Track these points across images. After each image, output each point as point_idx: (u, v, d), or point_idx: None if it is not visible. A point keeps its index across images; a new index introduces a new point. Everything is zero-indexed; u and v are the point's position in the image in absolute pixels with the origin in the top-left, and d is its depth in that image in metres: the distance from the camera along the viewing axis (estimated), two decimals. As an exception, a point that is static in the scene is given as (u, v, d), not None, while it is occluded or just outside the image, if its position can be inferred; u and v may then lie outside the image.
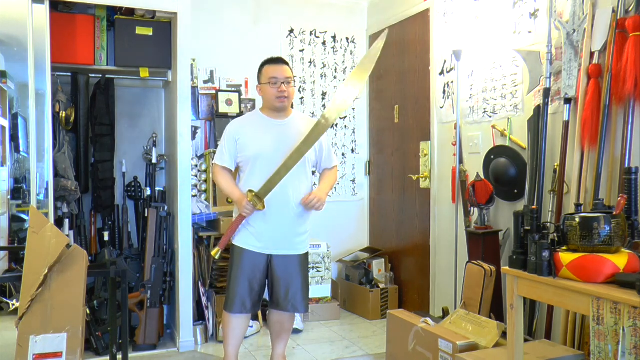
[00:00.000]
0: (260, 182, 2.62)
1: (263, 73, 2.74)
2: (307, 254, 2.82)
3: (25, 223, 3.22)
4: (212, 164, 2.81)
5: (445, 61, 3.67)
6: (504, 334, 2.48)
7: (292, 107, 2.89)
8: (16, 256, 2.96)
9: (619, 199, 1.93)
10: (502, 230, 3.14)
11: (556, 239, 2.01)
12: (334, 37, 4.53)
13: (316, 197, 2.66)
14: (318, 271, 4.09)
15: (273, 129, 2.72)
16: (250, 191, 2.60)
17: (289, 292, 2.72)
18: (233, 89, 3.99)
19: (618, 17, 2.47)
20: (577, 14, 2.69)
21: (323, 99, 4.50)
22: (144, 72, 3.54)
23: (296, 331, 3.75)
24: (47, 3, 3.12)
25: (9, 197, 3.12)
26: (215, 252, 2.71)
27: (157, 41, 3.52)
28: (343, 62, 4.56)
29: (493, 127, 3.24)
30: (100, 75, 3.63)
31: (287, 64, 2.77)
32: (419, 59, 3.97)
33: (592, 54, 2.59)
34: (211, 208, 3.74)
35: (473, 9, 3.41)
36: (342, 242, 4.54)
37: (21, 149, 3.24)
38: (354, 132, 4.63)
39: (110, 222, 3.66)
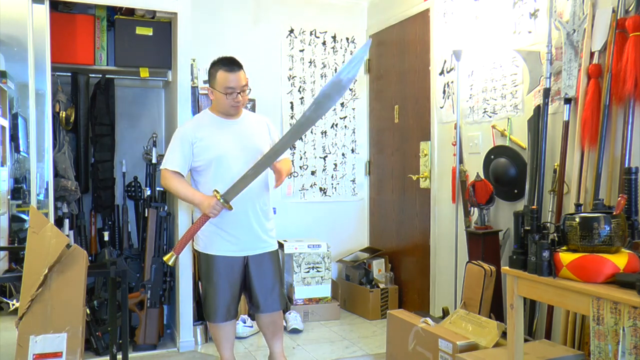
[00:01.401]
0: (224, 183, 2.55)
1: (217, 80, 2.59)
2: (277, 251, 2.80)
3: (25, 223, 3.22)
4: (161, 169, 2.68)
5: (445, 61, 3.67)
6: (504, 334, 2.48)
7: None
8: (16, 256, 2.96)
9: (619, 199, 1.93)
10: (502, 230, 3.14)
11: (556, 239, 2.01)
12: (334, 37, 4.53)
13: (282, 171, 2.61)
14: (318, 271, 4.09)
15: (229, 129, 2.66)
16: (217, 191, 2.51)
17: (268, 293, 2.69)
18: (233, 89, 3.99)
19: (618, 17, 2.47)
20: (577, 14, 2.69)
21: (323, 99, 4.49)
22: (144, 72, 3.54)
23: (296, 331, 3.75)
24: (47, 3, 3.12)
25: (9, 197, 3.12)
26: (169, 258, 2.51)
27: (157, 41, 3.52)
28: (343, 62, 4.56)
29: (493, 127, 3.23)
30: (100, 75, 3.63)
31: (242, 67, 2.62)
32: (419, 59, 3.97)
33: (592, 54, 2.59)
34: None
35: (473, 9, 3.41)
36: (342, 242, 4.54)
37: (21, 149, 3.24)
38: (354, 132, 4.63)
39: (110, 222, 3.66)
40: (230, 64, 2.60)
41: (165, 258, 2.54)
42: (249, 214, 2.64)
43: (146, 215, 3.54)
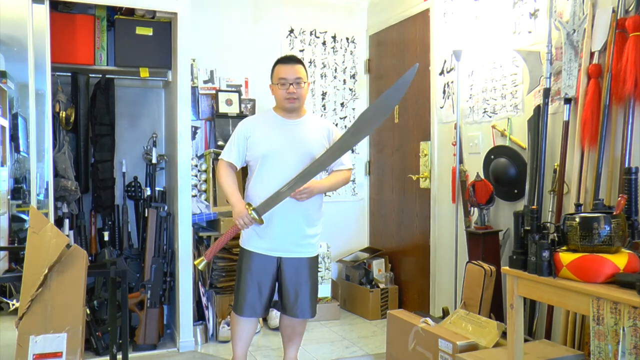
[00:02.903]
0: (268, 182, 2.58)
1: (274, 73, 2.69)
2: (317, 257, 2.78)
3: (25, 223, 3.22)
4: (219, 159, 2.75)
5: (445, 61, 3.67)
6: (504, 334, 2.48)
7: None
8: (16, 256, 2.96)
9: (619, 199, 1.93)
10: (502, 230, 3.14)
11: (556, 239, 2.01)
12: (334, 37, 4.53)
13: (308, 187, 2.56)
14: (318, 271, 4.08)
15: (285, 129, 2.68)
16: (250, 205, 2.54)
17: (298, 297, 2.68)
18: (233, 89, 3.99)
19: (618, 17, 2.47)
20: (577, 14, 2.69)
21: (323, 99, 4.50)
22: (144, 72, 3.54)
23: (296, 331, 3.75)
24: (47, 3, 3.12)
25: (9, 197, 3.12)
26: (199, 262, 2.59)
27: (157, 41, 3.52)
28: (343, 62, 4.56)
29: (493, 127, 3.24)
30: (100, 75, 3.63)
31: (300, 62, 2.69)
32: (419, 59, 3.96)
33: (592, 54, 2.59)
34: (211, 208, 3.74)
35: (473, 9, 3.41)
36: (342, 242, 4.54)
37: (21, 149, 3.24)
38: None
39: (110, 222, 3.66)
40: (286, 58, 2.72)
41: (195, 262, 2.63)
42: (288, 216, 2.62)
43: (146, 215, 3.54)
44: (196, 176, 3.80)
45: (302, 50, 4.42)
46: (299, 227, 2.65)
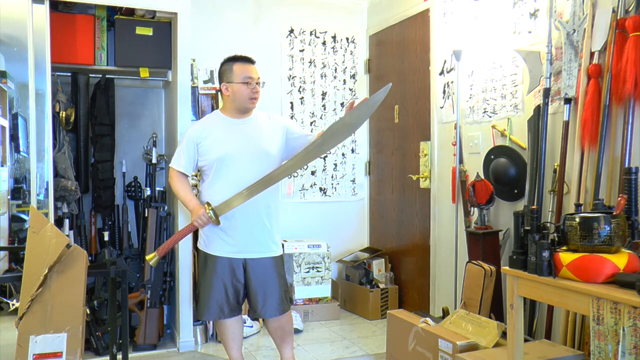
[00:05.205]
0: (226, 184, 2.57)
1: (235, 72, 2.61)
2: (281, 256, 2.76)
3: (25, 223, 3.22)
4: (169, 167, 2.73)
5: (445, 61, 3.67)
6: (504, 334, 2.48)
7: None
8: (16, 256, 2.96)
9: (619, 199, 1.93)
10: (502, 230, 3.14)
11: (556, 239, 2.01)
12: (334, 37, 4.53)
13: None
14: (318, 271, 4.09)
15: (237, 130, 2.65)
16: (209, 204, 2.54)
17: (266, 298, 2.66)
18: (233, 89, 3.99)
19: (618, 17, 2.47)
20: (577, 14, 2.69)
21: (323, 99, 4.50)
22: (144, 72, 3.54)
23: (296, 331, 3.74)
24: (47, 3, 3.12)
25: (9, 197, 3.12)
26: (151, 258, 2.57)
27: (157, 41, 3.52)
28: (343, 62, 4.56)
29: (493, 127, 3.24)
30: (100, 75, 3.63)
31: (255, 63, 2.70)
32: (419, 59, 3.97)
33: (592, 54, 2.59)
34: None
35: (473, 9, 3.41)
36: (342, 242, 4.54)
37: (21, 149, 3.24)
38: (353, 132, 4.62)
39: (110, 222, 3.66)
40: (245, 57, 2.69)
41: (148, 257, 2.60)
42: (249, 217, 2.62)
43: (146, 215, 3.54)
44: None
45: (302, 50, 4.42)
46: (261, 227, 2.64)
